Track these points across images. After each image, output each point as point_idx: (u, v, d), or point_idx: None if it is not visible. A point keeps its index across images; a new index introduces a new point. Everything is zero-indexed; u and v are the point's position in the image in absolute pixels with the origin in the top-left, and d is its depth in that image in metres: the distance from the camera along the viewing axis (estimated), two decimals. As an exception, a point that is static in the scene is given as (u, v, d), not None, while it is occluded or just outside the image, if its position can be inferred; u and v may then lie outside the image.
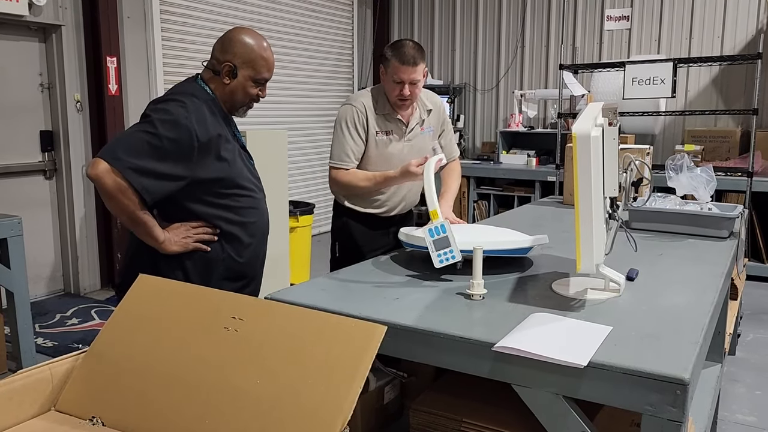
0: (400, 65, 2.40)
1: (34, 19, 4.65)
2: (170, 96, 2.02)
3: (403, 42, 2.44)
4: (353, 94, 2.60)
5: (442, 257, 1.82)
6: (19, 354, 3.44)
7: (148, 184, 1.89)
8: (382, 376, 1.84)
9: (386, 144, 2.55)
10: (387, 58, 2.44)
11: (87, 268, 5.22)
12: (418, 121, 2.60)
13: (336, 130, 2.54)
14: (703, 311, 1.58)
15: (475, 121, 7.93)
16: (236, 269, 2.12)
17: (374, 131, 2.52)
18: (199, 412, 1.25)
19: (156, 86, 5.46)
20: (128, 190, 1.87)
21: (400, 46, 2.42)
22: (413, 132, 2.59)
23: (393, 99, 2.49)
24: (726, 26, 6.40)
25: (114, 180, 1.85)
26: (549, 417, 1.33)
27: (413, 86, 2.44)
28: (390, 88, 2.47)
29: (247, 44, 2.06)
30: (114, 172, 1.85)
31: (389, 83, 2.47)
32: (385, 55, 2.46)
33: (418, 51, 2.42)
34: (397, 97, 2.46)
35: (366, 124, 2.51)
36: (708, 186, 2.58)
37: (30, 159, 4.91)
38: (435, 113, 2.66)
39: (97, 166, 1.85)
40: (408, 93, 2.44)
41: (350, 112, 2.51)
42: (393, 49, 2.43)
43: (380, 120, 2.53)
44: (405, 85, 2.42)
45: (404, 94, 2.44)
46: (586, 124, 1.52)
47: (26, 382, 1.36)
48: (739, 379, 3.55)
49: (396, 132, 2.56)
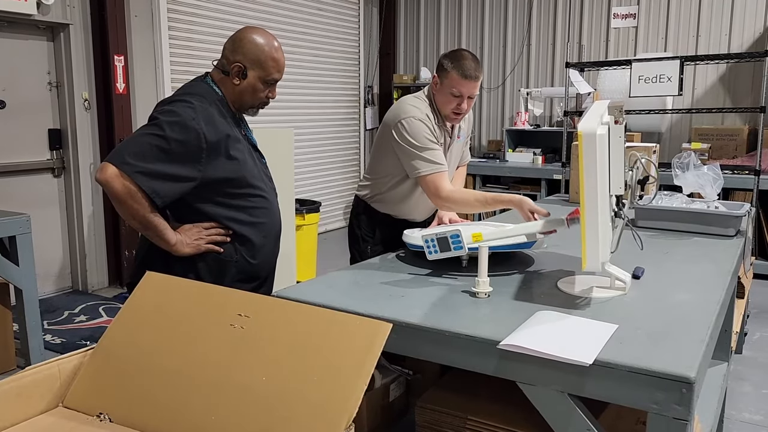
0: (462, 79, 2.29)
1: (42, 18, 4.67)
2: (178, 97, 2.01)
3: (463, 53, 2.33)
4: (410, 106, 2.38)
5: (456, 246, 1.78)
6: (27, 351, 3.46)
7: (158, 187, 1.88)
8: (387, 374, 1.85)
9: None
10: (446, 69, 2.32)
11: (95, 266, 5.25)
12: (458, 130, 2.57)
13: (418, 140, 2.33)
14: (709, 309, 1.58)
15: (481, 119, 7.92)
16: (249, 271, 2.11)
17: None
18: (205, 408, 1.26)
19: (163, 85, 5.48)
20: (138, 194, 1.86)
21: (461, 58, 2.30)
22: (455, 142, 2.57)
23: (447, 111, 2.38)
24: (733, 24, 6.36)
25: (123, 184, 1.84)
26: (554, 415, 1.33)
27: (470, 100, 2.36)
28: (445, 101, 2.36)
29: (258, 44, 2.04)
30: (123, 176, 1.84)
31: (445, 95, 2.35)
32: (442, 65, 2.34)
33: (478, 64, 2.33)
34: (453, 110, 2.37)
35: (435, 135, 2.40)
36: (715, 184, 2.57)
37: (38, 157, 4.94)
38: (466, 120, 2.63)
39: (106, 171, 1.84)
40: (465, 107, 2.36)
41: (426, 124, 2.35)
42: (453, 60, 2.31)
43: (437, 130, 2.43)
44: (464, 99, 2.33)
45: (462, 109, 2.36)
46: (592, 122, 1.52)
47: (35, 378, 1.37)
48: (745, 377, 3.54)
49: (446, 141, 2.52)
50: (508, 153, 7.12)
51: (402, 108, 2.40)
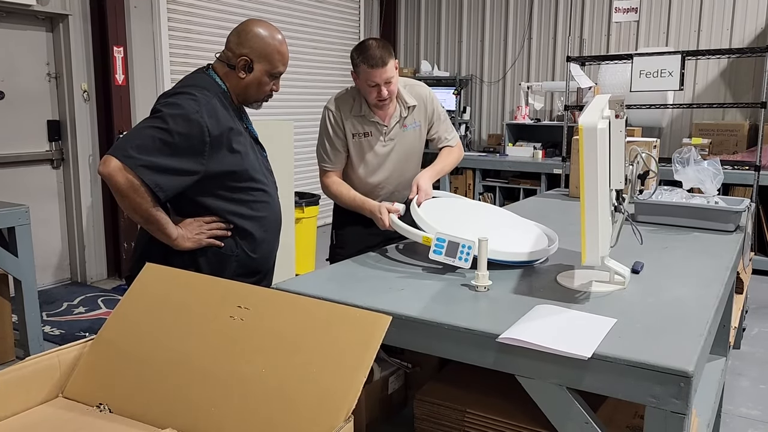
0: (370, 69, 2.34)
1: (41, 9, 4.66)
2: (180, 89, 1.99)
3: (368, 44, 2.38)
4: (334, 96, 2.57)
5: (462, 257, 1.82)
6: (26, 342, 3.47)
7: (161, 180, 1.87)
8: (386, 367, 1.85)
9: (364, 146, 2.52)
10: (356, 63, 2.39)
11: (94, 257, 5.25)
12: (398, 119, 2.54)
13: (319, 133, 2.57)
14: (708, 304, 1.58)
15: (482, 113, 7.91)
16: (250, 265, 2.10)
17: (351, 134, 2.51)
18: (205, 399, 1.26)
19: (162, 76, 5.47)
20: (141, 188, 1.85)
21: (366, 48, 2.36)
22: (394, 131, 2.54)
23: (372, 101, 2.44)
24: (735, 19, 6.35)
25: (126, 178, 1.83)
26: (553, 408, 1.33)
27: (388, 85, 2.39)
28: (367, 92, 2.42)
29: (264, 38, 2.02)
30: (126, 170, 1.83)
31: (364, 87, 2.42)
32: (353, 60, 2.41)
33: (384, 49, 2.36)
34: (376, 98, 2.41)
35: (343, 129, 2.50)
36: (715, 179, 2.57)
37: (37, 148, 4.93)
38: (420, 108, 2.59)
39: (109, 164, 1.83)
40: (386, 93, 2.39)
41: (327, 118, 2.52)
42: (359, 52, 2.38)
43: (357, 122, 2.50)
44: (381, 86, 2.37)
45: (383, 95, 2.40)
46: (592, 116, 1.51)
47: (35, 368, 1.37)
48: (743, 372, 3.55)
49: (375, 133, 2.52)
50: (508, 147, 7.12)
51: (330, 98, 2.58)
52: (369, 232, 2.55)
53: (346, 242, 2.65)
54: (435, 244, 1.85)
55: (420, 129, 2.62)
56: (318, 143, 2.57)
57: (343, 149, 2.53)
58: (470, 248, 1.81)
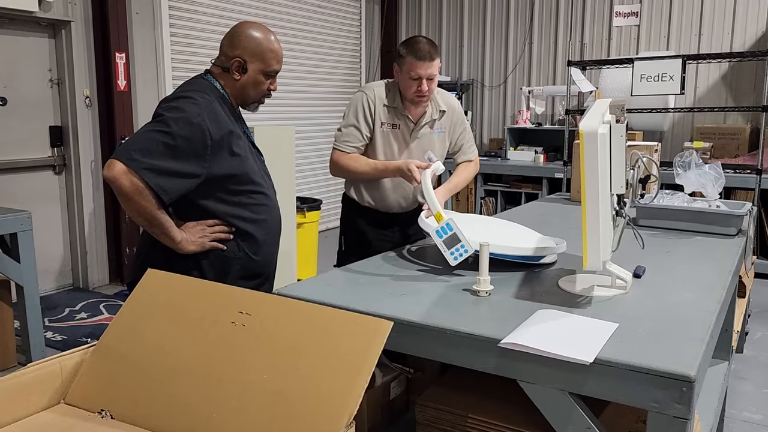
0: (416, 61, 2.38)
1: (43, 15, 4.67)
2: (182, 93, 2.01)
3: (417, 38, 2.44)
4: (368, 83, 2.60)
5: (455, 254, 1.84)
6: (28, 348, 3.47)
7: (165, 183, 1.88)
8: (388, 372, 1.85)
9: (390, 137, 2.55)
10: (402, 55, 2.43)
11: (96, 263, 5.25)
12: (429, 120, 2.58)
13: (346, 114, 2.55)
14: (710, 308, 1.58)
15: (483, 117, 7.92)
16: (252, 268, 2.11)
17: (380, 122, 2.52)
18: (206, 405, 1.26)
19: (164, 82, 5.48)
20: (145, 191, 1.86)
21: (414, 42, 2.41)
22: (422, 131, 2.58)
23: (410, 96, 2.47)
24: (736, 23, 6.35)
25: (131, 181, 1.84)
26: (555, 413, 1.33)
27: (430, 81, 2.43)
28: (407, 86, 2.45)
29: (255, 38, 2.05)
30: (130, 173, 1.83)
31: (405, 80, 2.45)
32: (399, 53, 2.45)
33: (432, 46, 2.41)
34: (414, 93, 2.45)
35: (373, 114, 2.51)
36: (716, 183, 2.56)
37: (39, 154, 4.94)
38: (448, 115, 2.64)
39: (113, 168, 1.83)
40: (426, 88, 2.43)
41: (361, 100, 2.52)
42: (407, 45, 2.43)
43: (390, 112, 2.53)
44: (422, 80, 2.41)
45: (422, 90, 2.43)
46: (593, 120, 1.51)
47: (36, 375, 1.37)
48: (746, 377, 3.54)
49: (403, 128, 2.55)
50: (509, 151, 7.12)
51: (366, 84, 2.61)
52: (380, 237, 2.56)
53: (356, 248, 2.63)
54: (442, 227, 1.86)
55: (445, 136, 2.67)
56: (342, 124, 2.55)
57: (366, 135, 2.53)
58: (466, 251, 1.83)
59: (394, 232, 2.67)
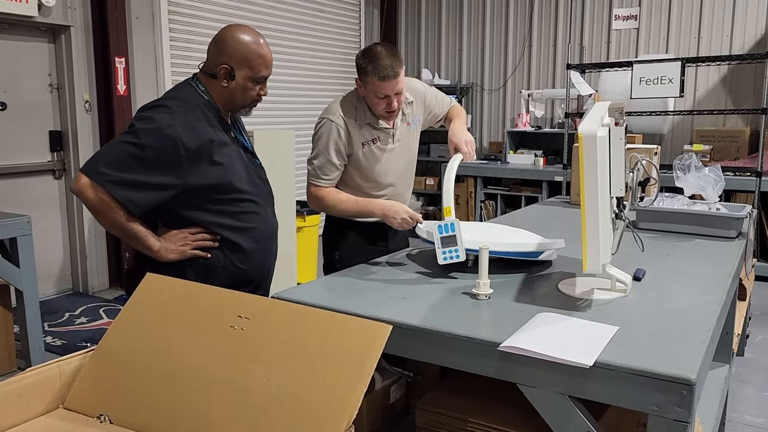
0: (381, 82, 2.19)
1: (43, 20, 4.68)
2: (159, 102, 1.97)
3: (377, 52, 2.21)
4: (330, 106, 2.37)
5: (446, 255, 1.85)
6: (28, 352, 3.46)
7: (133, 196, 1.85)
8: (387, 376, 1.85)
9: (375, 152, 2.41)
10: (365, 72, 2.22)
11: (95, 268, 5.25)
12: (401, 118, 2.45)
13: (316, 146, 2.37)
14: (710, 311, 1.58)
15: (483, 120, 7.92)
16: (239, 276, 2.06)
17: (360, 144, 2.36)
18: (205, 409, 1.26)
19: (164, 86, 5.48)
20: (112, 204, 1.84)
21: (375, 57, 2.19)
22: (400, 131, 2.46)
23: (380, 112, 2.31)
24: (735, 25, 6.36)
25: (95, 194, 1.83)
26: (555, 417, 1.33)
27: (398, 96, 2.27)
28: (374, 103, 2.28)
29: (243, 43, 1.97)
30: (94, 187, 1.82)
31: (372, 98, 2.28)
32: (361, 68, 2.24)
33: (395, 58, 2.20)
34: (384, 110, 2.29)
35: (347, 145, 2.34)
36: (716, 186, 2.57)
37: (39, 159, 4.94)
38: (417, 102, 2.51)
39: (79, 181, 1.83)
40: (396, 105, 2.28)
41: (331, 133, 2.32)
42: (369, 61, 2.21)
43: (365, 129, 2.36)
44: (391, 97, 2.25)
45: (392, 107, 2.28)
46: (592, 123, 1.51)
47: (35, 379, 1.37)
48: (747, 380, 3.53)
49: (383, 138, 2.42)
50: (509, 154, 7.12)
51: (329, 108, 2.39)
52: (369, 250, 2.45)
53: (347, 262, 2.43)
54: (446, 224, 1.86)
55: (418, 124, 2.56)
56: (313, 158, 2.38)
57: (341, 165, 2.38)
58: (458, 256, 1.85)
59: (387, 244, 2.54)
